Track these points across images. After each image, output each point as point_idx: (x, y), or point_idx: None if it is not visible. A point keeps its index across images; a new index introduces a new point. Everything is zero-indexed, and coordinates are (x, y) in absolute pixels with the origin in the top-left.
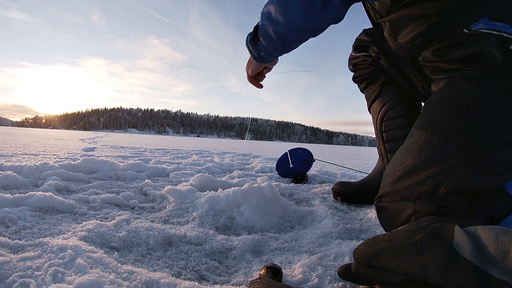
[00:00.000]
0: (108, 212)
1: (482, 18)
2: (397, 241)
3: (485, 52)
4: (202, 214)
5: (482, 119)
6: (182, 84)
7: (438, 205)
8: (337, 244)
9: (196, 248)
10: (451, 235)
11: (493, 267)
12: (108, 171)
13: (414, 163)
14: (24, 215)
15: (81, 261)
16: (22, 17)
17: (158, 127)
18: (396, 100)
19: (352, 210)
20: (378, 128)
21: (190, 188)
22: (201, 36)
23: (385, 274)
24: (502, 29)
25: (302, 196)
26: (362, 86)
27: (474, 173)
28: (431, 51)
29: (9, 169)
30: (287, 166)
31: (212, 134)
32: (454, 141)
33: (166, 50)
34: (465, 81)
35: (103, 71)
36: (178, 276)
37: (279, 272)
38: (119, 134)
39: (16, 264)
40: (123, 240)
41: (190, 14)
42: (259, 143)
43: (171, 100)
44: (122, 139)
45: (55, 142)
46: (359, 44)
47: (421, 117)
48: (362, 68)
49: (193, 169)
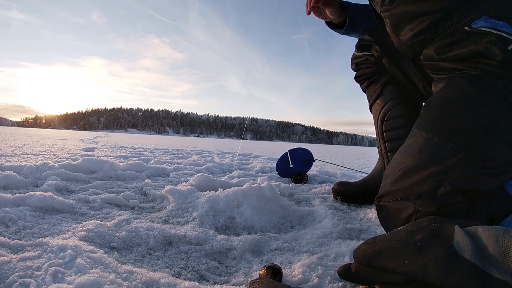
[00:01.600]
0: (108, 212)
1: (482, 16)
2: (397, 241)
3: (486, 50)
4: (202, 214)
5: (482, 119)
6: (183, 84)
7: (438, 205)
8: (337, 244)
9: (196, 248)
10: (451, 235)
11: (493, 267)
12: (108, 171)
13: (414, 162)
14: (24, 215)
15: (81, 261)
16: (22, 17)
17: (158, 127)
18: (397, 100)
19: (352, 210)
20: (379, 127)
21: (190, 188)
22: (201, 36)
23: (385, 274)
24: (503, 28)
25: (302, 196)
26: (364, 86)
27: (474, 173)
28: (432, 49)
29: (9, 169)
30: (287, 166)
31: (212, 134)
32: (455, 141)
33: (166, 49)
34: (466, 81)
35: (103, 71)
36: (178, 276)
37: (279, 272)
38: (119, 134)
39: (16, 264)
40: (123, 240)
41: (190, 14)
42: (259, 143)
43: (171, 100)
44: (122, 139)
45: (55, 142)
46: (362, 43)
47: (422, 117)
48: (365, 67)
49: (193, 169)
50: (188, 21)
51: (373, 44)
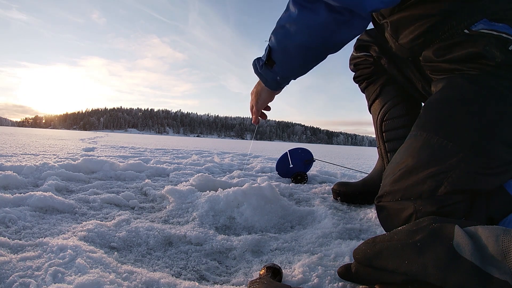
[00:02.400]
0: (108, 212)
1: (482, 19)
2: (397, 241)
3: (485, 52)
4: (202, 214)
5: (482, 119)
6: (183, 84)
7: (438, 205)
8: (337, 244)
9: (196, 248)
10: (451, 235)
11: (493, 267)
12: (108, 171)
13: (414, 162)
14: (24, 215)
15: (81, 261)
16: (22, 17)
17: (158, 127)
18: (396, 100)
19: (352, 210)
20: (378, 127)
21: (190, 188)
22: (201, 37)
23: (385, 274)
24: (503, 29)
25: (302, 196)
26: (362, 86)
27: (474, 173)
28: (431, 50)
29: (9, 169)
30: (287, 166)
31: (212, 134)
32: (454, 141)
33: (166, 49)
34: (465, 81)
35: (103, 70)
36: (178, 276)
37: (279, 272)
38: (119, 134)
39: (16, 264)
40: (123, 240)
41: (190, 14)
42: (259, 143)
43: (171, 100)
44: (122, 139)
45: (55, 142)
46: (360, 44)
47: (421, 117)
48: (363, 68)
49: (193, 169)
50: (188, 21)
51: (372, 44)
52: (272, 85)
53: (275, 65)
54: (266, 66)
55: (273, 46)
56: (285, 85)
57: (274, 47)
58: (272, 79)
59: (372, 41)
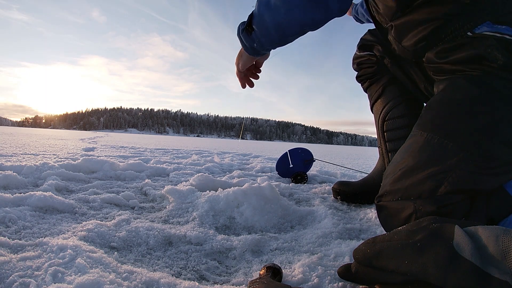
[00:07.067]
0: (108, 212)
1: (485, 21)
2: (397, 241)
3: (487, 54)
4: (202, 214)
5: (482, 120)
6: (183, 83)
7: (438, 205)
8: (337, 244)
9: (196, 248)
10: (451, 235)
11: (493, 267)
12: (108, 171)
13: (414, 162)
14: (24, 215)
15: (81, 261)
16: (23, 18)
17: (158, 127)
18: (399, 100)
19: (352, 210)
20: (380, 127)
21: (190, 188)
22: (200, 37)
23: (385, 274)
24: (505, 31)
25: (302, 196)
26: (365, 86)
27: (474, 173)
28: (434, 52)
29: (9, 169)
30: (287, 166)
31: (212, 134)
32: (455, 141)
33: (167, 48)
34: (467, 82)
35: (103, 70)
36: (178, 276)
37: (279, 272)
38: (119, 134)
39: (16, 264)
40: (123, 240)
41: (189, 14)
42: (259, 143)
43: (172, 100)
44: (122, 139)
45: (55, 142)
46: (363, 43)
47: (422, 117)
48: (366, 67)
49: (193, 169)
50: (187, 22)
51: (375, 44)
52: (249, 50)
53: (253, 32)
54: (246, 31)
55: (255, 14)
56: (264, 52)
57: (256, 15)
58: (249, 45)
59: (375, 40)
